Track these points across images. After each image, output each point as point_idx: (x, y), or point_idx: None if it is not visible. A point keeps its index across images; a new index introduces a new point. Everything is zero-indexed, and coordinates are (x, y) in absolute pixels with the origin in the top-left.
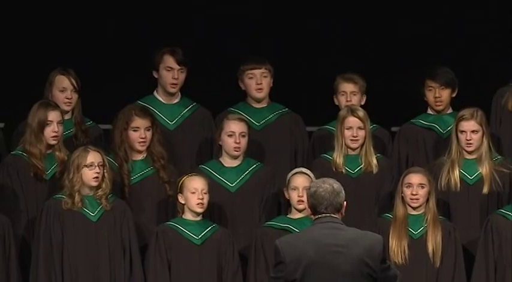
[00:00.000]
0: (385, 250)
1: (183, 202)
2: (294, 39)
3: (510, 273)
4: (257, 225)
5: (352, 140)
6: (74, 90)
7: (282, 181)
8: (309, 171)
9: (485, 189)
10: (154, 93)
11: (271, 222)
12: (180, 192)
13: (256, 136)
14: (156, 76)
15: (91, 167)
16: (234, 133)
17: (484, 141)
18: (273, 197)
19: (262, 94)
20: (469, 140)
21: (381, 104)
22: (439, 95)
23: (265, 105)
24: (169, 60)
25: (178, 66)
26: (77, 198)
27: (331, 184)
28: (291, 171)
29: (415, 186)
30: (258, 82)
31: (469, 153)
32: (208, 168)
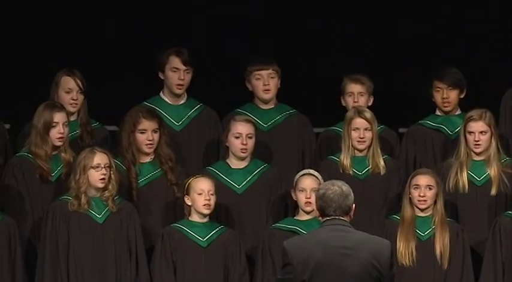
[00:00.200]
0: (393, 255)
1: (189, 204)
2: (300, 39)
3: None
4: (264, 226)
5: (359, 141)
6: (79, 91)
7: (289, 182)
8: (316, 173)
9: (494, 191)
10: (161, 94)
11: (278, 224)
12: (187, 193)
13: (264, 137)
14: (162, 77)
15: (97, 169)
16: (241, 134)
17: (493, 142)
18: (280, 199)
19: (269, 95)
20: (478, 141)
21: (388, 105)
22: (446, 96)
23: (273, 107)
24: (175, 61)
25: (184, 67)
26: (83, 199)
27: (340, 186)
28: (299, 172)
29: (423, 188)
30: (265, 83)
31: (477, 154)
32: (215, 170)
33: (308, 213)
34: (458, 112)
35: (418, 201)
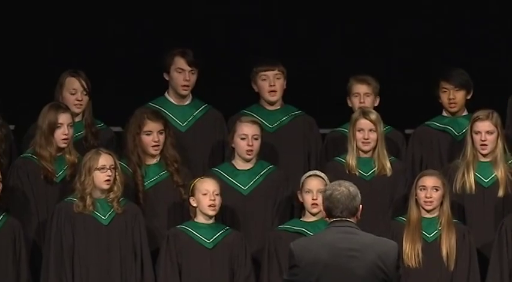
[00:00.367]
0: (400, 257)
1: (195, 205)
2: (305, 40)
3: None
4: (270, 228)
5: (363, 142)
6: (84, 92)
7: (295, 184)
8: (323, 174)
9: (501, 193)
10: (165, 94)
11: (284, 226)
12: (192, 195)
13: (270, 139)
14: (167, 78)
15: (103, 170)
16: (246, 136)
17: (499, 143)
18: (286, 200)
19: (275, 98)
20: (484, 140)
21: (395, 105)
22: (453, 97)
23: (279, 108)
24: (180, 62)
25: (189, 68)
26: (88, 201)
27: (347, 187)
28: (305, 174)
29: (429, 189)
30: (271, 84)
31: (484, 156)
32: (220, 171)
33: (314, 214)
34: (464, 113)
35: (425, 202)
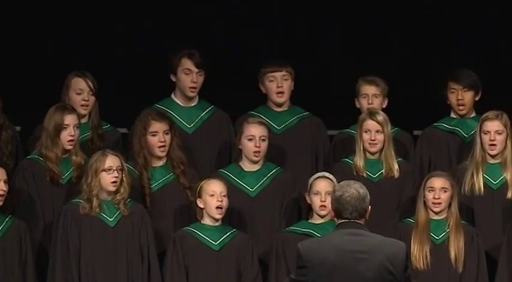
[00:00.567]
0: (408, 258)
1: (202, 206)
2: (313, 41)
3: None
4: (277, 230)
5: (370, 143)
6: (90, 93)
7: (302, 185)
8: (331, 176)
9: (510, 194)
10: (172, 96)
11: (292, 227)
12: (199, 196)
13: (277, 140)
14: (173, 79)
15: (109, 171)
16: (254, 137)
17: (508, 144)
18: (293, 202)
19: (282, 99)
20: (493, 140)
21: (403, 107)
22: (461, 97)
23: (286, 109)
24: (187, 63)
25: (196, 69)
26: (94, 203)
27: (357, 189)
28: (313, 175)
29: (438, 190)
30: (278, 85)
31: (493, 157)
32: (227, 173)
33: (322, 216)
34: (473, 115)
35: (433, 203)
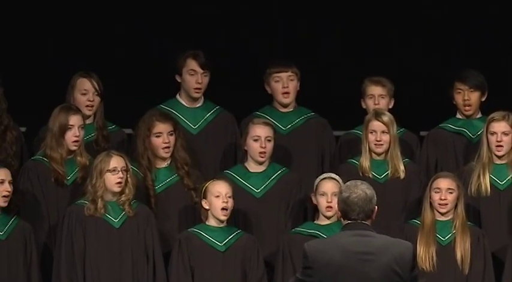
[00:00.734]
0: (415, 258)
1: (207, 207)
2: (319, 41)
3: None
4: (283, 231)
5: (376, 144)
6: (96, 93)
7: (308, 186)
8: (337, 177)
9: None
10: (177, 96)
11: (299, 229)
12: (204, 197)
13: (283, 141)
14: (179, 80)
15: (114, 172)
16: (259, 137)
17: None
18: (299, 203)
19: (288, 100)
20: (500, 141)
21: (409, 107)
22: (468, 98)
23: (292, 110)
24: (192, 64)
25: (201, 70)
26: (99, 204)
27: (364, 190)
28: (319, 176)
29: (444, 191)
30: (284, 85)
31: (499, 158)
32: (232, 174)
33: (329, 217)
34: (479, 115)
35: (439, 204)
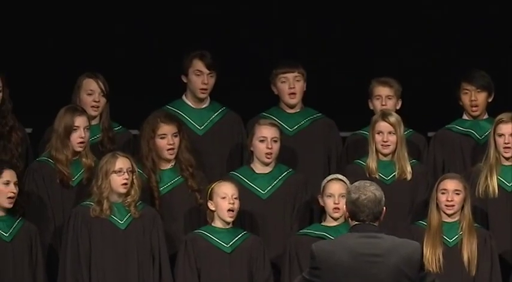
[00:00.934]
0: (423, 257)
1: (213, 209)
2: (325, 42)
3: None
4: (289, 233)
5: (382, 145)
6: (101, 94)
7: (314, 188)
8: (344, 178)
9: None
10: (183, 97)
11: (306, 230)
12: (210, 199)
13: (289, 142)
14: (185, 80)
15: (120, 173)
16: (265, 138)
17: None
18: (305, 204)
19: (295, 100)
20: (507, 143)
21: (417, 108)
22: (475, 98)
23: (298, 110)
24: (198, 65)
25: (207, 71)
26: (105, 205)
27: (374, 192)
28: (326, 177)
29: (451, 193)
30: (290, 86)
31: (507, 159)
32: (238, 175)
33: (336, 219)
34: (485, 117)
35: (446, 206)
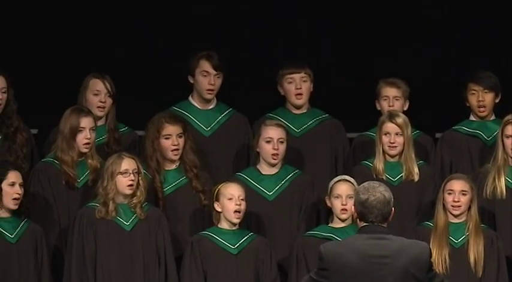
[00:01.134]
0: (431, 257)
1: (219, 210)
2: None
3: None
4: (296, 234)
5: (390, 146)
6: (108, 95)
7: (322, 188)
8: (352, 179)
9: None
10: (189, 98)
11: (313, 232)
12: (217, 200)
13: (296, 143)
14: (191, 81)
15: (125, 174)
16: (272, 139)
17: None
18: (311, 206)
19: (301, 101)
20: None
21: (425, 109)
22: (482, 99)
23: (305, 111)
24: (205, 65)
25: (214, 72)
26: (111, 206)
27: (383, 193)
28: (333, 178)
29: (457, 193)
30: (297, 87)
31: None
32: (245, 176)
33: (343, 220)
34: (493, 118)
35: (452, 206)
